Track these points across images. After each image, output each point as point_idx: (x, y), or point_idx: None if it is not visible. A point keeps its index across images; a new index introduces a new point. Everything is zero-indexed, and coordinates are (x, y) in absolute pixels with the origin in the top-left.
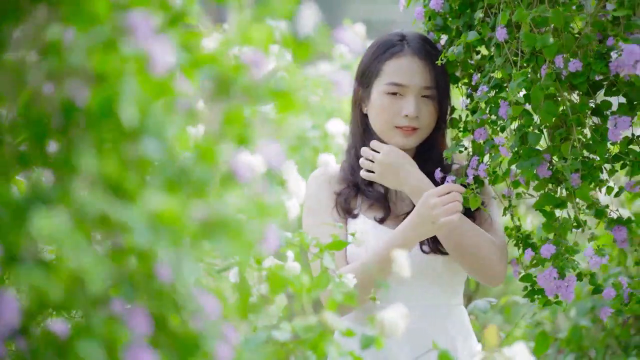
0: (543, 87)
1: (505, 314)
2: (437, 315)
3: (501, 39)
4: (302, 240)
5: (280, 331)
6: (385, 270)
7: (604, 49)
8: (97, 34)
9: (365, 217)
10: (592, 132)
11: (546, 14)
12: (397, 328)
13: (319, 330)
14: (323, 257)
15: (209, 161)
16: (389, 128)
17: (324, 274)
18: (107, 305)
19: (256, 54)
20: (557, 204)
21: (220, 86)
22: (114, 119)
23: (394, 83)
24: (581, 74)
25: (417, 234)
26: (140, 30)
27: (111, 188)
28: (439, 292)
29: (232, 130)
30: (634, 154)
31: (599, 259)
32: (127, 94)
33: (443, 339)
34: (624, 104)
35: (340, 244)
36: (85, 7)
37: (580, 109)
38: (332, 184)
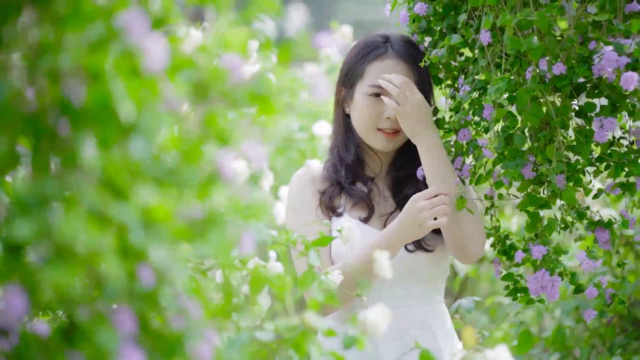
0: (529, 90)
1: (491, 314)
2: (420, 313)
3: (485, 43)
4: (287, 238)
5: (263, 331)
6: (370, 272)
7: (586, 52)
8: (90, 34)
9: (349, 216)
10: (576, 134)
11: (531, 18)
12: (378, 328)
13: (301, 330)
14: (309, 254)
15: (193, 161)
16: (371, 130)
17: (310, 272)
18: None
19: (234, 58)
20: (541, 205)
21: (199, 89)
22: (109, 117)
23: (376, 85)
24: (565, 77)
25: (403, 236)
26: (134, 29)
27: (108, 187)
28: (422, 290)
29: (212, 132)
30: (617, 155)
31: (592, 262)
32: (120, 93)
33: (426, 337)
34: (607, 106)
35: (326, 239)
36: (77, 7)
37: (564, 111)
38: (315, 183)
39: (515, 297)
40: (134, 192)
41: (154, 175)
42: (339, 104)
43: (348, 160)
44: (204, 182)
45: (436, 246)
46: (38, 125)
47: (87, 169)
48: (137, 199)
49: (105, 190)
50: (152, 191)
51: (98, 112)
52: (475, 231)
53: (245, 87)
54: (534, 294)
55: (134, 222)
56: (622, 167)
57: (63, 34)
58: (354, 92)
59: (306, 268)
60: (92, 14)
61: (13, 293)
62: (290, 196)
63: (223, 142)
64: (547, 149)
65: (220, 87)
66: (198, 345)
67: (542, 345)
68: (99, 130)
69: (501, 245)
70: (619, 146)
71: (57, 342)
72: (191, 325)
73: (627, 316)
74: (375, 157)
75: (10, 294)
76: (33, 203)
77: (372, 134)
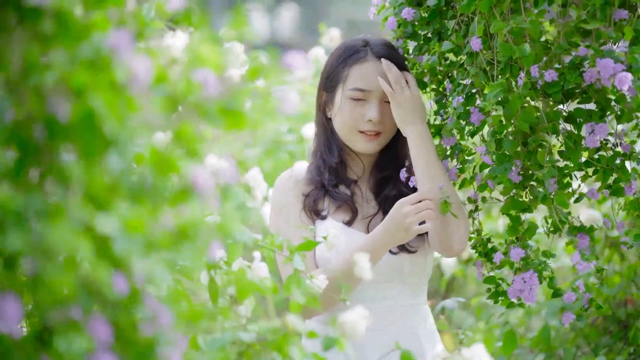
0: (521, 96)
1: (476, 315)
2: (403, 314)
3: (476, 49)
4: (272, 242)
5: (246, 332)
6: (354, 275)
7: (577, 59)
8: (80, 53)
9: (333, 219)
10: (565, 139)
11: (523, 25)
12: (358, 329)
13: (284, 332)
14: (294, 258)
15: (166, 173)
16: (353, 132)
17: (295, 276)
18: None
19: (207, 73)
20: (523, 209)
21: (171, 102)
22: (93, 133)
23: (357, 88)
24: (556, 84)
25: (389, 241)
26: (122, 49)
27: (90, 199)
28: (405, 291)
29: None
30: (605, 160)
31: (586, 264)
32: (104, 109)
33: (409, 338)
34: (596, 111)
35: (310, 244)
36: (64, 26)
37: (554, 116)
38: (299, 185)
39: (496, 300)
40: (114, 205)
41: (130, 188)
42: (320, 108)
43: (331, 163)
44: (177, 194)
45: (419, 247)
46: (23, 140)
47: (72, 183)
48: (117, 211)
49: (87, 202)
50: (129, 204)
51: (82, 127)
52: (458, 227)
53: (216, 101)
54: (512, 296)
55: (117, 233)
56: (611, 172)
57: (49, 52)
58: (335, 95)
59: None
60: (78, 33)
61: (9, 302)
62: (274, 198)
63: (193, 154)
64: (538, 154)
65: (192, 100)
66: (168, 351)
67: (527, 345)
68: (82, 145)
69: (482, 248)
70: (606, 150)
71: (32, 345)
72: (162, 331)
73: (612, 317)
74: (357, 159)
75: (6, 302)
76: (23, 215)
77: (354, 137)
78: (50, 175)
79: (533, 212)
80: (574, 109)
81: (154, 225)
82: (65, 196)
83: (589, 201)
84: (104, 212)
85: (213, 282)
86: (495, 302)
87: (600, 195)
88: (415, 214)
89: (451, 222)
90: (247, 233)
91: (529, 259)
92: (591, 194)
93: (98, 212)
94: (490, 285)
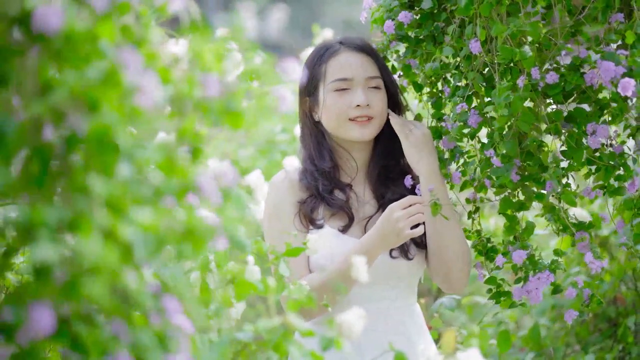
0: (523, 98)
1: (468, 314)
2: (397, 313)
3: (475, 52)
4: (259, 248)
5: (243, 332)
6: (349, 279)
7: (577, 60)
8: (91, 72)
9: (328, 226)
10: (567, 139)
11: (524, 28)
12: (354, 329)
13: (281, 332)
14: (279, 264)
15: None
16: (344, 121)
17: (280, 281)
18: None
19: (209, 74)
20: (518, 208)
21: (175, 102)
22: (110, 147)
23: (338, 79)
24: (557, 85)
25: (382, 244)
26: (131, 66)
27: (110, 209)
28: (399, 293)
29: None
30: (607, 158)
31: (599, 263)
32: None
33: (403, 338)
34: (594, 112)
35: (297, 250)
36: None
37: (555, 117)
38: (294, 190)
39: (498, 300)
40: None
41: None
42: (306, 115)
43: (324, 168)
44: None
45: (416, 255)
46: (46, 155)
47: (92, 193)
48: (134, 217)
49: (107, 211)
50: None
51: (98, 141)
52: (458, 259)
53: (217, 102)
54: (517, 297)
55: (138, 239)
56: (613, 170)
57: (63, 71)
58: (319, 94)
59: (293, 268)
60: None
61: (41, 310)
62: (269, 202)
63: (197, 154)
64: (542, 155)
65: (195, 100)
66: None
67: (518, 343)
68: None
69: (482, 247)
70: (602, 149)
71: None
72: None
73: (602, 315)
74: (350, 159)
75: (38, 311)
76: (51, 226)
77: (346, 126)
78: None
79: (529, 211)
80: (574, 109)
81: (165, 226)
82: (88, 206)
83: (582, 199)
84: (124, 219)
85: (205, 285)
86: (497, 302)
87: (594, 194)
88: (406, 219)
89: (450, 256)
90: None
91: (533, 259)
92: (586, 193)
93: (118, 220)
94: (491, 285)
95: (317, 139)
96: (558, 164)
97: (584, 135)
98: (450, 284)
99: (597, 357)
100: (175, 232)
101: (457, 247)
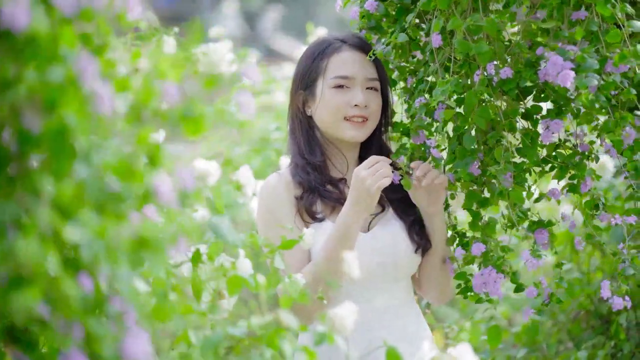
0: (477, 92)
1: (461, 310)
2: (398, 312)
3: (436, 45)
4: (254, 242)
5: (236, 327)
6: (336, 260)
7: (533, 57)
8: (51, 76)
9: (330, 221)
10: (522, 136)
11: (480, 23)
12: (346, 324)
13: (274, 327)
14: (274, 258)
15: (130, 181)
16: (339, 120)
17: (274, 275)
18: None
19: (168, 82)
20: (481, 203)
21: (133, 110)
22: (64, 146)
23: (340, 76)
24: (511, 81)
25: (357, 212)
26: (88, 74)
27: (58, 210)
28: (399, 289)
29: (144, 151)
30: (563, 158)
31: (535, 261)
32: (74, 125)
33: (402, 336)
34: (552, 109)
35: (290, 242)
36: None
37: (511, 114)
38: (290, 190)
39: (466, 295)
40: (81, 213)
41: (95, 197)
42: (298, 109)
43: (315, 162)
44: (139, 200)
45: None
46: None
47: (43, 194)
48: (83, 220)
49: (56, 211)
50: (95, 212)
51: (53, 140)
52: (449, 279)
53: (176, 109)
54: (477, 290)
55: (85, 241)
56: (567, 169)
57: (23, 70)
58: (316, 89)
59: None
60: (49, 56)
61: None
62: (264, 203)
63: (154, 161)
64: (495, 151)
65: (153, 108)
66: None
67: (511, 340)
68: (52, 156)
69: (460, 240)
70: (565, 148)
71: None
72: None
73: (594, 312)
74: (340, 155)
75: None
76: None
77: (340, 125)
78: (24, 187)
79: (495, 207)
80: (530, 106)
81: (118, 232)
82: (35, 205)
83: (548, 200)
84: (72, 221)
85: (197, 277)
86: (465, 297)
87: (559, 195)
88: (372, 176)
89: (443, 273)
90: (234, 233)
91: (489, 254)
92: (552, 194)
93: (66, 221)
94: (460, 280)
95: (308, 133)
96: (508, 159)
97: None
98: (445, 295)
99: (590, 353)
100: (127, 239)
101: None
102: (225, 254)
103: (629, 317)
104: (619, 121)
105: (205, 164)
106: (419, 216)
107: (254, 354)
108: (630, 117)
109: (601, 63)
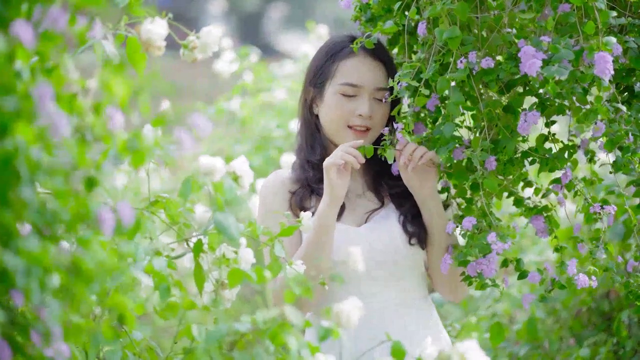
0: (449, 79)
1: (463, 307)
2: (403, 309)
3: (421, 33)
4: (253, 230)
5: (240, 323)
6: (323, 240)
7: (515, 50)
8: (8, 102)
9: None
10: (502, 128)
11: (451, 6)
12: (352, 319)
13: (278, 322)
14: (274, 246)
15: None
16: (342, 127)
17: (275, 262)
18: None
19: (113, 108)
20: (473, 187)
21: (78, 131)
22: (11, 171)
23: (348, 84)
24: (492, 71)
25: (335, 193)
26: (43, 101)
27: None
28: (400, 288)
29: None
30: (544, 151)
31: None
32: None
33: (405, 332)
34: (537, 103)
35: (290, 229)
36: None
37: (492, 105)
38: (285, 186)
39: (470, 282)
40: (20, 239)
41: (36, 222)
42: (306, 104)
43: (315, 161)
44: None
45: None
46: None
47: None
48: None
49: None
50: (34, 236)
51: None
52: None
53: (120, 139)
54: (471, 272)
55: (19, 268)
56: (547, 162)
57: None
58: (325, 91)
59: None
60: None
61: None
62: (263, 200)
63: (91, 184)
64: (472, 140)
65: (97, 132)
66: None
67: (512, 337)
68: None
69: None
70: (555, 141)
71: None
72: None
73: (596, 309)
74: None
75: None
76: None
77: (342, 132)
78: None
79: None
80: (511, 99)
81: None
82: None
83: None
84: (9, 246)
85: (199, 268)
86: (469, 284)
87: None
88: (337, 154)
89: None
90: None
91: (482, 226)
92: (556, 188)
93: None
94: (463, 268)
95: (311, 131)
96: (485, 148)
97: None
98: (457, 293)
99: (592, 350)
100: (61, 266)
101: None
102: (226, 244)
103: (631, 314)
104: (589, 114)
105: (210, 160)
106: (413, 205)
107: (258, 348)
108: (602, 110)
109: (578, 54)
